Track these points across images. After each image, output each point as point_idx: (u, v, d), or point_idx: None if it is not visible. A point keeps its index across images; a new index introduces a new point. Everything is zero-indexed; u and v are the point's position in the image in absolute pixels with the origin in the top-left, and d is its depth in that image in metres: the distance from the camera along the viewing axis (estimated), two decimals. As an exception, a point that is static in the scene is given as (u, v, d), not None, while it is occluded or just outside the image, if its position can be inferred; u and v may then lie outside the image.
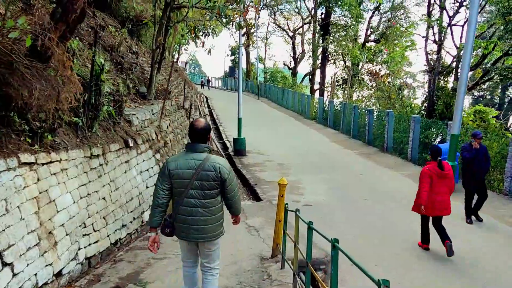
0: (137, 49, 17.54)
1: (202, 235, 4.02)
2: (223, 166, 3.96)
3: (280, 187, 6.95)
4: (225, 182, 3.95)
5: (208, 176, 3.90)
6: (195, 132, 4.01)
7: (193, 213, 3.95)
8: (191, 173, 3.90)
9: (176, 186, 3.97)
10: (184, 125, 13.93)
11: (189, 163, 3.93)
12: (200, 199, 3.94)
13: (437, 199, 6.88)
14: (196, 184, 3.90)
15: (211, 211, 3.99)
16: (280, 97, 35.62)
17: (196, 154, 3.96)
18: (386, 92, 19.63)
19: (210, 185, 3.92)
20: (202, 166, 3.90)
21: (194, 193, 3.93)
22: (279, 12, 47.04)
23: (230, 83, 56.08)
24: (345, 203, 10.26)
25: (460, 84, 10.45)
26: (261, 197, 10.89)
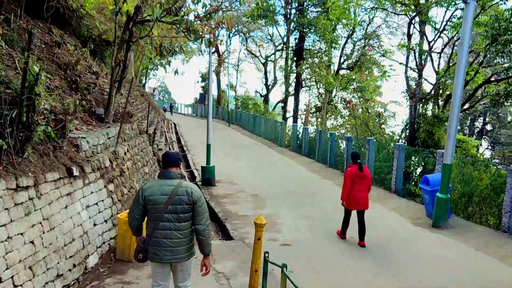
0: (98, 70, 16.15)
1: (176, 256, 4.26)
2: (194, 190, 4.26)
3: (257, 227, 5.59)
4: (195, 204, 4.21)
5: (182, 200, 4.18)
6: (168, 160, 4.38)
7: (168, 236, 4.22)
8: (166, 198, 4.17)
9: (151, 211, 4.24)
10: (146, 152, 12.47)
11: (163, 189, 4.21)
12: (174, 223, 4.22)
13: (358, 195, 8.49)
14: (171, 208, 4.18)
15: (185, 233, 4.27)
16: (252, 124, 34.50)
17: (170, 181, 4.25)
18: (364, 119, 18.78)
19: (183, 208, 4.20)
20: (175, 191, 4.17)
21: (169, 217, 4.20)
22: (251, 39, 46.58)
23: (200, 110, 54.84)
24: (328, 242, 8.96)
25: (453, 110, 9.48)
26: (232, 235, 9.45)
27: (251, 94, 51.30)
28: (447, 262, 7.84)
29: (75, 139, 7.83)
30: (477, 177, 11.82)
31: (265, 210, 11.55)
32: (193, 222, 4.27)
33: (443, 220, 9.89)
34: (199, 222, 4.26)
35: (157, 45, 13.79)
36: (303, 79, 29.53)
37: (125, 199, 8.95)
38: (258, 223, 5.62)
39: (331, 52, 29.09)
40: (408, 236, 9.41)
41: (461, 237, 9.26)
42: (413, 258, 8.05)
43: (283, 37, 38.82)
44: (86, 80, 13.17)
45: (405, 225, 10.32)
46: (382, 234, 9.47)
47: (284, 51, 37.69)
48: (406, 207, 11.83)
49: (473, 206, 11.39)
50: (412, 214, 11.12)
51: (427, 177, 10.52)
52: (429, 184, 10.37)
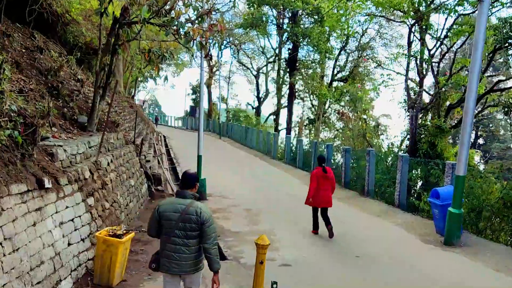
0: (83, 77, 15.31)
1: (183, 269, 4.49)
2: (204, 211, 4.41)
3: (259, 249, 4.76)
4: (203, 224, 4.34)
5: (191, 219, 4.36)
6: (184, 181, 4.62)
7: (177, 251, 4.44)
8: (177, 215, 4.39)
9: (165, 225, 4.47)
10: (132, 163, 11.56)
11: (175, 207, 4.44)
12: (183, 239, 4.41)
13: (322, 194, 9.36)
14: (181, 225, 4.39)
15: (192, 249, 4.45)
16: (244, 136, 33.69)
17: (183, 200, 4.48)
18: (362, 130, 18.07)
19: (191, 227, 4.38)
20: (186, 210, 4.38)
21: (179, 233, 4.41)
22: (243, 51, 46.00)
23: (190, 123, 53.96)
24: (333, 262, 8.11)
25: (466, 116, 8.76)
26: (225, 255, 8.48)
27: (242, 106, 50.60)
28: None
29: (50, 147, 6.94)
30: (486, 190, 11.09)
31: (260, 226, 10.69)
32: (201, 241, 4.43)
33: (456, 237, 9.10)
34: (206, 241, 4.40)
35: (146, 50, 12.98)
36: (296, 90, 28.82)
37: (106, 215, 8.04)
38: (261, 244, 4.77)
39: (325, 63, 28.48)
40: (419, 256, 8.58)
41: (477, 256, 8.47)
42: (430, 282, 7.21)
43: (275, 48, 38.33)
44: (69, 87, 12.36)
45: (414, 242, 9.50)
46: (391, 254, 8.63)
47: (276, 62, 37.12)
48: (412, 223, 11.03)
49: (484, 222, 10.64)
50: (420, 230, 10.32)
51: (437, 190, 9.75)
52: (440, 198, 9.60)
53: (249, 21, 25.24)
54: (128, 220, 9.58)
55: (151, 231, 4.70)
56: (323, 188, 9.40)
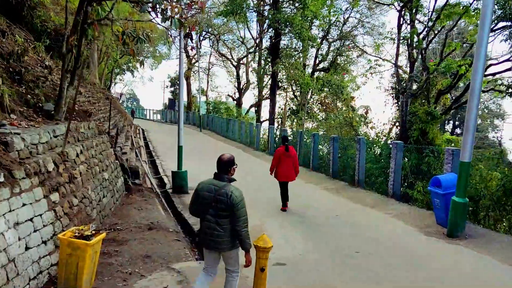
0: (52, 64, 14.19)
1: (218, 246, 4.72)
2: (234, 194, 4.58)
3: (260, 253, 3.93)
4: (233, 207, 4.54)
5: (221, 200, 4.59)
6: (218, 165, 4.86)
7: (211, 228, 4.70)
8: (211, 196, 4.67)
9: (201, 204, 4.76)
10: (106, 155, 10.55)
11: (209, 188, 4.73)
12: (216, 218, 4.66)
13: (283, 170, 10.44)
14: (213, 205, 4.65)
15: (224, 228, 4.66)
16: (225, 128, 32.74)
17: (217, 182, 4.74)
18: (348, 119, 17.36)
19: (222, 208, 4.60)
20: (218, 192, 4.64)
21: (212, 212, 4.67)
22: (222, 42, 44.87)
23: (169, 116, 52.67)
24: (332, 260, 7.31)
25: (472, 98, 8.02)
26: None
27: (223, 99, 49.53)
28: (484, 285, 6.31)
29: (4, 135, 5.94)
30: (485, 178, 10.47)
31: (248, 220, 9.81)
32: (232, 225, 4.60)
33: (461, 229, 8.40)
34: (236, 224, 4.58)
35: (119, 32, 11.95)
36: (279, 79, 27.94)
37: (74, 212, 7.06)
38: (261, 247, 3.95)
39: (308, 51, 27.64)
40: (423, 250, 7.84)
41: (485, 249, 7.78)
42: (441, 280, 6.48)
43: (255, 38, 37.37)
44: (34, 73, 11.28)
45: (415, 235, 8.77)
46: (393, 249, 7.88)
47: (257, 52, 36.17)
48: (410, 214, 10.33)
49: (485, 211, 10.02)
50: (420, 222, 9.61)
51: (439, 178, 9.04)
52: (441, 187, 8.89)
53: (228, 8, 24.22)
54: (101, 217, 8.61)
55: (190, 208, 4.99)
56: (285, 164, 10.53)
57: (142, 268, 6.58)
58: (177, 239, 8.20)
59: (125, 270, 6.41)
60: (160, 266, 6.71)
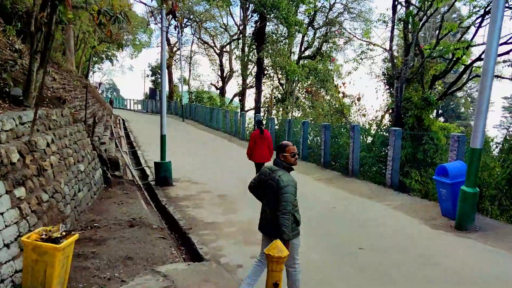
0: (22, 48, 13.12)
1: (270, 231, 4.64)
2: (281, 179, 4.51)
3: (274, 263, 3.21)
4: (278, 191, 4.49)
5: (271, 185, 4.62)
6: (277, 150, 4.85)
7: (264, 213, 4.81)
8: (264, 180, 4.74)
9: (259, 188, 4.90)
10: (82, 144, 9.62)
11: (265, 172, 4.80)
12: (268, 202, 4.71)
13: (259, 151, 10.83)
14: (265, 189, 4.72)
15: (274, 214, 4.56)
16: (209, 117, 31.81)
17: (273, 166, 4.79)
18: (340, 106, 16.69)
19: (271, 193, 4.63)
20: (270, 176, 4.69)
21: (265, 196, 4.77)
22: (204, 30, 43.66)
23: (151, 106, 51.38)
24: (335, 258, 6.60)
25: (485, 78, 7.34)
26: (200, 253, 6.88)
27: (205, 88, 48.39)
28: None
29: (-43, 120, 5.03)
30: (489, 165, 9.89)
31: (238, 215, 9.08)
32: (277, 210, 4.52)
33: (471, 221, 7.78)
34: (278, 208, 4.47)
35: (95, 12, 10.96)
36: (265, 66, 27.06)
37: (44, 209, 6.17)
38: (276, 256, 3.20)
39: (295, 37, 26.76)
40: (433, 245, 7.19)
41: (500, 243, 7.17)
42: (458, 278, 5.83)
43: (239, 25, 36.36)
44: (2, 57, 10.29)
45: (421, 228, 8.13)
46: (400, 244, 7.22)
47: (240, 39, 35.17)
48: (411, 205, 9.69)
49: (490, 201, 9.44)
50: (423, 214, 8.97)
51: (445, 166, 8.38)
52: (448, 176, 8.24)
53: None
54: (77, 214, 7.72)
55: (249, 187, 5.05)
56: (260, 147, 10.94)
57: (122, 272, 5.76)
58: (162, 237, 7.38)
59: (103, 275, 5.58)
60: (143, 269, 5.90)
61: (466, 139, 9.18)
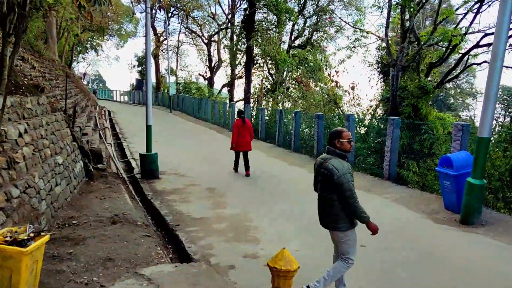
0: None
1: (325, 222, 4.60)
2: (334, 168, 4.28)
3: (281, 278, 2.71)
4: (333, 181, 4.27)
5: (323, 173, 4.40)
6: (329, 137, 4.59)
7: (319, 203, 4.64)
8: (317, 169, 4.55)
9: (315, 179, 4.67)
10: (61, 135, 8.95)
11: (318, 161, 4.58)
12: (321, 192, 4.55)
13: (242, 140, 11.51)
14: (319, 179, 4.52)
15: (328, 204, 4.45)
16: (197, 108, 31.11)
17: (325, 155, 4.55)
18: (332, 95, 16.16)
19: (323, 181, 4.43)
20: (322, 165, 4.45)
21: (319, 186, 4.57)
22: (192, 19, 42.75)
23: (137, 97, 50.39)
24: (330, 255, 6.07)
25: (494, 62, 6.84)
26: (189, 252, 6.31)
27: (193, 79, 47.50)
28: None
29: None
30: (492, 156, 9.45)
31: (228, 210, 8.53)
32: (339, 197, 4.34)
33: (477, 215, 7.32)
34: (343, 200, 4.30)
35: (74, -7, 10.27)
36: (255, 55, 26.38)
37: (14, 206, 5.54)
38: (283, 270, 2.60)
39: (286, 24, 26.09)
40: (438, 241, 6.72)
41: (510, 238, 6.71)
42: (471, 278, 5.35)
43: (227, 14, 35.60)
44: (-27, 41, 9.53)
45: (424, 223, 7.66)
46: (404, 240, 6.73)
47: (229, 29, 34.40)
48: (411, 198, 9.23)
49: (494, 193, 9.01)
50: (424, 207, 8.51)
51: (449, 157, 7.90)
52: (453, 167, 7.76)
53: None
54: (53, 210, 7.08)
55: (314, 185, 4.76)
56: (242, 135, 11.51)
57: (102, 275, 5.17)
58: (147, 234, 6.79)
59: (80, 279, 4.99)
60: (125, 271, 5.31)
61: (470, 128, 8.72)
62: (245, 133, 11.54)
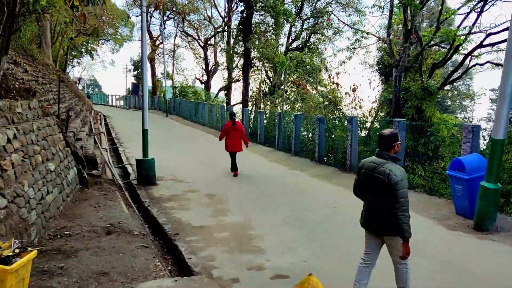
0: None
1: (378, 229, 4.42)
2: (393, 173, 4.13)
3: None
4: (390, 187, 4.11)
5: (379, 179, 4.23)
6: (380, 140, 4.41)
7: (370, 207, 4.48)
8: (369, 174, 4.35)
9: (361, 183, 4.51)
10: (53, 141, 8.55)
11: (370, 166, 4.39)
12: (374, 197, 4.38)
13: (232, 142, 11.96)
14: (372, 184, 4.33)
15: (382, 209, 4.30)
16: (194, 112, 30.70)
17: (378, 159, 4.35)
18: (333, 98, 15.84)
19: (379, 187, 4.24)
20: (376, 170, 4.28)
21: (371, 192, 4.39)
22: (188, 23, 42.41)
23: (133, 102, 49.92)
24: (347, 266, 5.70)
25: (509, 59, 6.50)
26: (189, 264, 5.91)
27: (190, 82, 47.10)
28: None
29: None
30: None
31: (230, 217, 8.14)
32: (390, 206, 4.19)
33: (492, 221, 6.96)
34: (394, 206, 4.15)
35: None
36: (252, 58, 26.03)
37: (1, 217, 5.14)
38: None
39: (283, 26, 25.74)
40: (453, 249, 6.35)
41: (528, 245, 6.36)
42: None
43: (224, 16, 35.26)
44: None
45: (436, 229, 7.29)
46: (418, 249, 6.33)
47: (225, 31, 34.05)
48: (420, 203, 8.88)
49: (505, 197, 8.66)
50: (435, 212, 8.15)
51: (461, 160, 7.55)
52: (465, 170, 7.41)
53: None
54: (44, 220, 6.67)
55: (354, 190, 4.71)
56: (233, 137, 11.89)
57: (96, 292, 4.78)
58: (144, 245, 6.39)
59: (72, 297, 4.60)
60: (121, 287, 4.92)
61: (481, 129, 8.38)
62: (236, 135, 11.89)
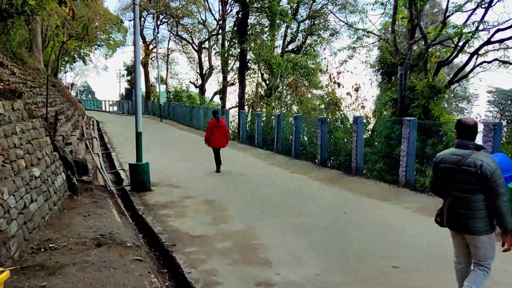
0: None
1: (464, 227, 3.99)
2: (485, 163, 3.80)
3: None
4: (486, 179, 3.77)
5: (468, 171, 3.86)
6: (463, 129, 4.00)
7: (455, 205, 4.02)
8: (454, 168, 3.95)
9: (444, 178, 4.07)
10: (39, 144, 7.88)
11: (452, 159, 3.99)
12: (460, 193, 3.96)
13: (216, 138, 12.68)
14: (458, 178, 3.92)
15: (470, 206, 3.92)
16: (188, 117, 30.10)
17: (460, 150, 3.98)
18: (334, 99, 15.30)
19: (470, 181, 3.87)
20: (464, 162, 3.90)
21: (456, 186, 3.97)
22: (182, 26, 41.88)
23: (127, 107, 49.25)
24: (365, 281, 5.08)
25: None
26: (189, 280, 5.26)
27: (184, 87, 46.49)
28: None
29: None
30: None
31: (231, 225, 7.52)
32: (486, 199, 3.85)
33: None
34: (494, 199, 3.79)
35: (54, -13, 9.26)
36: (248, 60, 25.49)
37: (-27, 230, 4.49)
38: None
39: (280, 27, 25.26)
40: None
41: None
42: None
43: (218, 19, 34.74)
44: None
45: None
46: (438, 259, 5.75)
47: (220, 34, 33.53)
48: (436, 208, 8.22)
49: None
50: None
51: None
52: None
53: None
54: (27, 231, 6.00)
55: (431, 187, 4.49)
56: (217, 134, 12.64)
57: (82, 315, 4.13)
58: (138, 258, 5.73)
59: (54, 322, 3.95)
60: (112, 309, 4.28)
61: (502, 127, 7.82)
62: (219, 132, 12.65)
